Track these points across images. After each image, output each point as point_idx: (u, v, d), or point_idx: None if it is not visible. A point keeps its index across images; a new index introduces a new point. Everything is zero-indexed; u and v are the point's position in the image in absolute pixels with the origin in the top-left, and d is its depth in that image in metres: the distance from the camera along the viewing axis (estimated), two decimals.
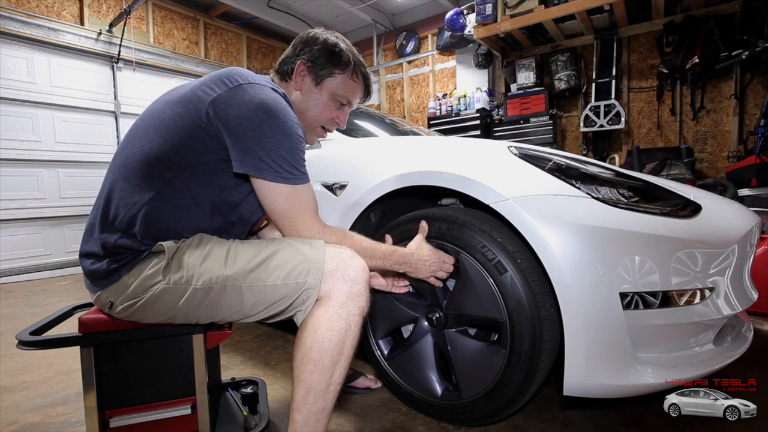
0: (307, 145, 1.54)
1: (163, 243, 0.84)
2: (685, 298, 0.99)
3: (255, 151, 0.83)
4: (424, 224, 1.14)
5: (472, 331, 1.19)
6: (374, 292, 1.15)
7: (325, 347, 0.81)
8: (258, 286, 0.85)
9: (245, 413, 1.12)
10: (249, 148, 0.83)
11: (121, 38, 4.04)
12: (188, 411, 0.94)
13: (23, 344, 0.85)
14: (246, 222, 1.00)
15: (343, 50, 1.01)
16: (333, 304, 0.85)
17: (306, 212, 0.90)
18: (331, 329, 0.82)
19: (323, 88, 1.01)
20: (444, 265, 1.10)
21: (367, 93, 1.09)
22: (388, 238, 1.19)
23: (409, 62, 5.46)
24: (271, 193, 0.87)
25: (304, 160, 0.90)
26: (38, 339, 0.87)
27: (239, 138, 0.83)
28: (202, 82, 0.88)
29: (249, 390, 1.18)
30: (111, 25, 4.05)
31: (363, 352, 1.36)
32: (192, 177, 0.86)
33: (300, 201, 0.89)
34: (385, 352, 1.31)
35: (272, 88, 0.88)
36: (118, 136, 4.21)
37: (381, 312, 1.29)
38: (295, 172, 0.86)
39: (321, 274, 0.85)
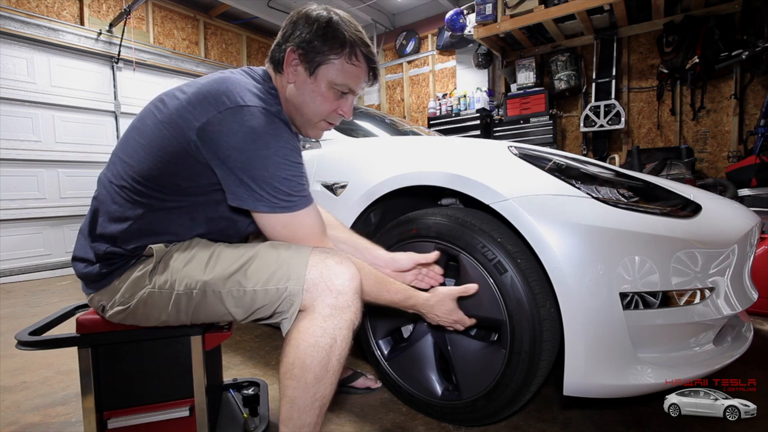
0: (308, 144, 1.54)
1: (152, 246, 0.83)
2: (685, 298, 0.99)
3: (248, 185, 0.78)
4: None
5: (472, 331, 1.19)
6: None
7: (307, 364, 0.76)
8: (238, 291, 0.81)
9: (245, 415, 1.12)
10: (241, 181, 0.78)
11: (121, 38, 4.03)
12: (186, 413, 0.94)
13: (23, 344, 0.85)
14: (243, 234, 0.98)
15: (337, 29, 0.85)
16: (317, 317, 0.78)
17: (310, 237, 0.85)
18: (315, 345, 0.76)
19: (319, 77, 0.87)
20: (455, 325, 1.05)
21: (372, 76, 0.93)
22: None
23: (409, 62, 5.45)
24: (270, 224, 0.83)
25: (303, 183, 0.83)
26: (37, 339, 0.87)
27: (230, 170, 0.78)
28: (189, 101, 0.80)
29: (250, 391, 1.18)
30: (111, 25, 4.05)
31: (363, 352, 1.36)
32: (185, 196, 0.84)
33: (302, 227, 0.84)
34: (385, 352, 1.31)
35: (263, 108, 0.79)
36: (118, 136, 4.20)
37: (381, 312, 1.29)
38: (292, 200, 0.80)
39: (303, 280, 0.79)
